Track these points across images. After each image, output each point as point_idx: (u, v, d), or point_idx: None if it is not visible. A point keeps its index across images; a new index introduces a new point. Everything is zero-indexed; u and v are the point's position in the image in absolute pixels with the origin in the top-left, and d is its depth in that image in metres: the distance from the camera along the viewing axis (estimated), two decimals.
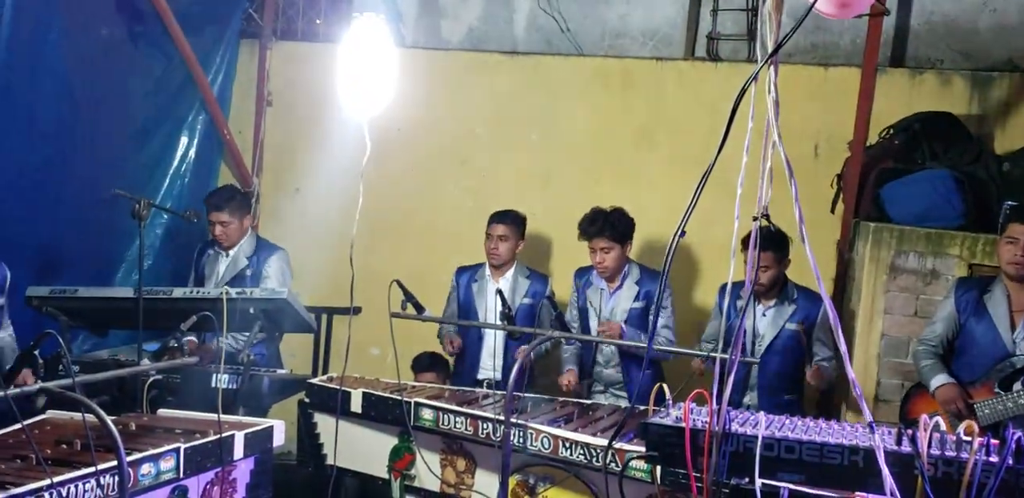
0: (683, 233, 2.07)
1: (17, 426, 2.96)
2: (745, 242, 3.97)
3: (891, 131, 4.89)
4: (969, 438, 1.91)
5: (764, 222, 2.11)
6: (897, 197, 4.61)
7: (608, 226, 4.39)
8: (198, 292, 4.27)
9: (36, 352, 2.86)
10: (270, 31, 5.86)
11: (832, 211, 5.02)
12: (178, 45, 5.21)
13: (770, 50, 2.03)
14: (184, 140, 5.59)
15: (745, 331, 4.19)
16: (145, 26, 5.07)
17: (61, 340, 2.87)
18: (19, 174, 4.41)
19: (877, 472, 1.80)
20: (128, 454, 2.60)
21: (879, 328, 4.48)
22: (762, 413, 2.15)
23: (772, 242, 4.06)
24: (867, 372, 4.45)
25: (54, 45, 4.47)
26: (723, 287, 3.66)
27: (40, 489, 2.45)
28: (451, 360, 4.91)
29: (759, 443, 1.96)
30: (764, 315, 4.25)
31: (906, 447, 1.94)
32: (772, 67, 2.10)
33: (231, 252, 4.77)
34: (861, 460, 1.97)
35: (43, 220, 4.66)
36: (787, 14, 2.02)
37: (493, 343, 4.67)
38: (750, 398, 4.25)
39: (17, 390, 2.59)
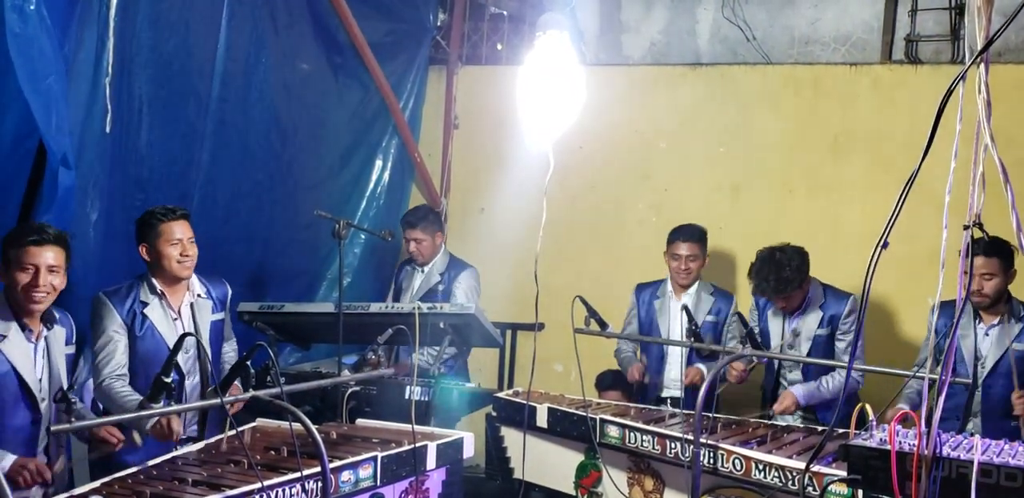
0: (886, 244, 1.96)
1: (232, 432, 3.19)
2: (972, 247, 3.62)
3: None
4: None
5: (976, 231, 1.97)
6: None
7: (782, 284, 4.11)
8: (392, 307, 4.48)
9: (248, 363, 3.07)
10: (456, 57, 6.07)
11: None
12: (373, 74, 5.49)
13: (979, 48, 1.90)
14: (379, 164, 5.86)
15: (958, 349, 3.89)
16: (343, 58, 5.38)
17: (270, 352, 3.08)
18: (235, 198, 4.79)
19: None
20: (330, 461, 2.73)
21: None
22: (977, 437, 1.99)
23: (998, 247, 3.68)
24: None
25: (262, 79, 4.83)
26: (939, 304, 3.35)
27: (251, 492, 2.61)
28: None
29: (974, 468, 1.81)
30: (987, 335, 3.89)
31: None
32: (983, 65, 1.96)
33: (426, 268, 4.97)
34: None
35: (255, 241, 5.02)
36: (996, 11, 1.89)
37: (678, 360, 4.57)
38: (974, 425, 3.92)
39: (231, 398, 2.80)
